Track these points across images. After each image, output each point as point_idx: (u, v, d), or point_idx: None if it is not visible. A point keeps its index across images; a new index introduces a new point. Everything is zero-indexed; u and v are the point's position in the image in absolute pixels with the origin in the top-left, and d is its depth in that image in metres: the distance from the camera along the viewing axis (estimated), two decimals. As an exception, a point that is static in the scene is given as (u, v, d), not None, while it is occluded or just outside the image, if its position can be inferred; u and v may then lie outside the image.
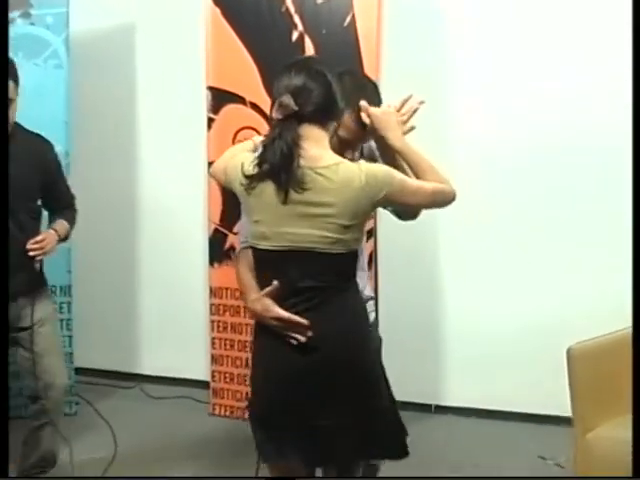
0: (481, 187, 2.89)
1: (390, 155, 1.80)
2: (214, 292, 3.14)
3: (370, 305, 1.92)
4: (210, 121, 3.06)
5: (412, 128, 1.82)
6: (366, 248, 2.08)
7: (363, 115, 1.80)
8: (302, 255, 1.65)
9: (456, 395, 3.16)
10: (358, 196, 1.62)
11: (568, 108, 2.81)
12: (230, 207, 3.04)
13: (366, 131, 1.83)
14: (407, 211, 1.92)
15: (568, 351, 2.20)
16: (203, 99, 3.07)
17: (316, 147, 1.65)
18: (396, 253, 2.93)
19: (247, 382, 3.07)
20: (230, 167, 1.71)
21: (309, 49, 2.85)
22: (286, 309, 1.66)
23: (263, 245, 1.68)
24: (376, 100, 1.85)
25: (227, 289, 3.12)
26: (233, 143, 2.99)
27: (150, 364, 3.56)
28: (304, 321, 1.64)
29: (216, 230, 3.13)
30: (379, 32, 2.78)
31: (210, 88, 3.04)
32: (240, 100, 3.00)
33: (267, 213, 1.65)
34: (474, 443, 2.89)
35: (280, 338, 1.67)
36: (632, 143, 2.11)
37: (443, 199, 1.74)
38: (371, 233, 2.62)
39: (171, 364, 3.50)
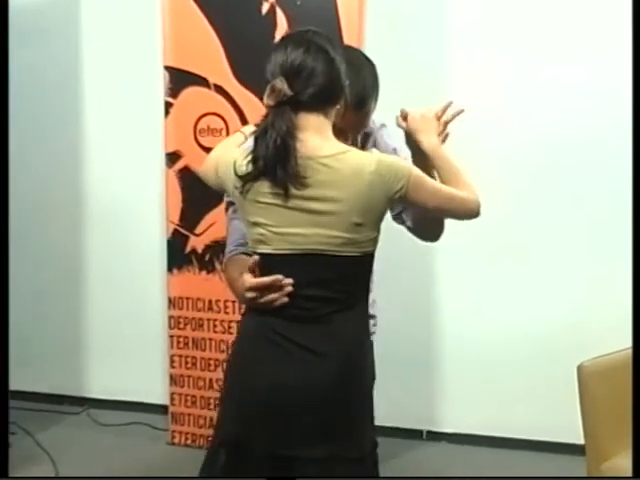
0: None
1: (423, 161, 1.76)
2: (173, 303, 3.09)
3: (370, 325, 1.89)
4: (168, 106, 2.99)
5: (459, 112, 1.81)
6: None
7: (399, 119, 1.79)
8: (307, 259, 1.60)
9: (450, 420, 3.13)
10: (369, 188, 1.56)
11: (571, 107, 2.84)
12: (191, 205, 3.00)
13: (361, 119, 1.80)
14: (425, 224, 1.87)
15: (579, 369, 2.16)
16: (160, 81, 3.00)
17: (316, 136, 1.59)
18: (388, 267, 2.85)
19: (211, 405, 3.04)
20: (222, 167, 1.66)
21: (281, 23, 2.79)
22: (284, 320, 1.61)
23: (263, 249, 1.63)
24: (373, 83, 1.81)
25: (188, 299, 3.07)
26: (195, 131, 2.96)
27: (99, 386, 3.50)
28: (279, 276, 1.58)
29: (175, 231, 3.06)
30: (362, 3, 2.73)
31: (168, 68, 2.97)
32: (202, 82, 2.94)
33: (266, 214, 1.60)
34: (470, 474, 2.82)
35: (267, 349, 1.61)
36: (632, 144, 2.16)
37: (464, 209, 1.69)
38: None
39: (123, 386, 3.44)
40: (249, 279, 1.63)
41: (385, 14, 2.91)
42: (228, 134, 2.92)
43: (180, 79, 2.97)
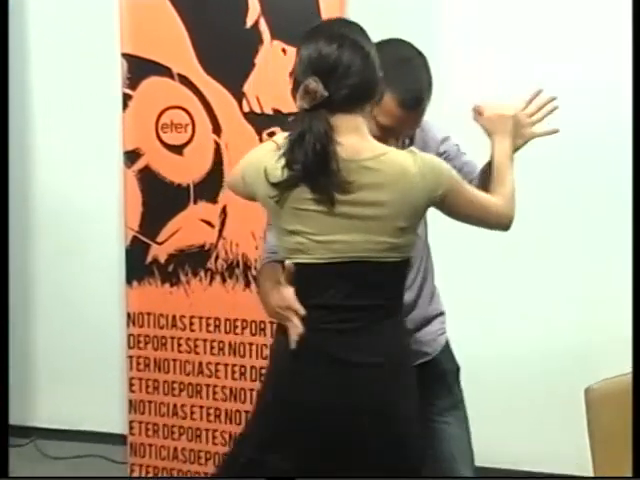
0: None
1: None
2: (133, 319, 3.04)
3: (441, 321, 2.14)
4: (126, 98, 2.95)
5: (554, 131, 2.00)
6: None
7: (474, 114, 1.89)
8: (350, 267, 1.65)
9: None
10: (413, 190, 1.63)
11: (567, 104, 2.81)
12: (153, 209, 2.96)
13: (412, 116, 1.84)
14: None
15: (587, 392, 2.12)
16: (117, 70, 2.95)
17: (355, 138, 1.64)
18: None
19: (175, 434, 3.01)
20: (250, 174, 1.70)
21: (254, 5, 2.75)
22: (322, 330, 1.65)
23: (302, 259, 1.67)
24: (425, 77, 1.85)
25: (150, 315, 3.03)
26: (157, 126, 2.92)
27: (48, 414, 3.46)
28: (295, 305, 1.65)
29: (135, 239, 3.01)
30: None
31: (126, 55, 2.92)
32: (165, 71, 2.90)
33: (305, 221, 1.64)
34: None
35: (310, 368, 1.66)
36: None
37: (497, 221, 1.80)
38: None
39: (75, 413, 3.41)
40: (291, 296, 1.67)
41: (372, 10, 2.87)
42: (194, 130, 2.89)
43: (140, 68, 2.92)
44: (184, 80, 2.89)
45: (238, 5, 2.77)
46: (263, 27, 2.74)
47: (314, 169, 1.59)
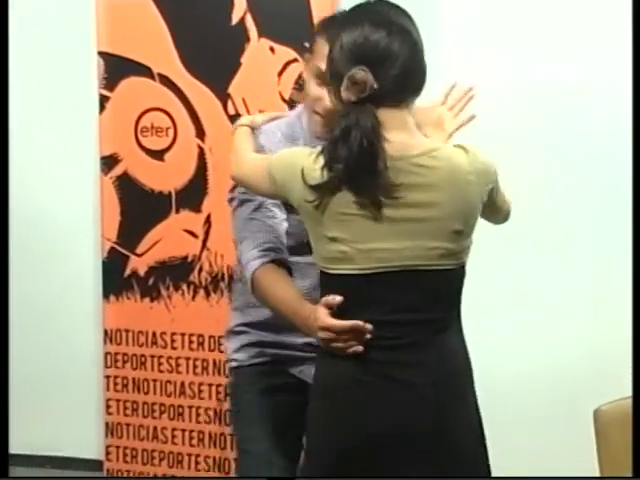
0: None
1: None
2: (110, 336, 3.03)
3: None
4: (103, 100, 2.94)
5: (471, 117, 2.01)
6: None
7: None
8: (399, 277, 1.59)
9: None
10: (469, 188, 1.60)
11: (568, 103, 2.89)
12: (132, 219, 2.95)
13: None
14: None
15: (596, 414, 2.08)
16: (93, 69, 2.94)
17: (404, 133, 1.59)
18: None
19: (155, 460, 2.99)
20: (284, 174, 1.63)
21: (240, 2, 2.73)
22: (378, 352, 1.59)
23: (343, 269, 1.60)
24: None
25: (128, 331, 3.01)
26: (136, 130, 2.91)
27: (18, 439, 3.22)
28: (366, 325, 1.57)
29: (112, 250, 3.00)
30: None
31: (102, 54, 2.92)
32: (145, 71, 2.89)
33: (348, 227, 1.58)
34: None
35: (363, 393, 1.60)
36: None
37: (508, 209, 1.88)
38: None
39: (48, 438, 3.36)
40: (326, 316, 1.61)
41: None
42: (176, 134, 2.87)
43: (118, 68, 2.91)
44: (165, 80, 2.88)
45: (223, 1, 2.75)
46: (250, 24, 2.72)
47: (359, 169, 1.53)
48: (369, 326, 1.57)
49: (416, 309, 1.60)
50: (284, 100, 2.70)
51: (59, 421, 3.33)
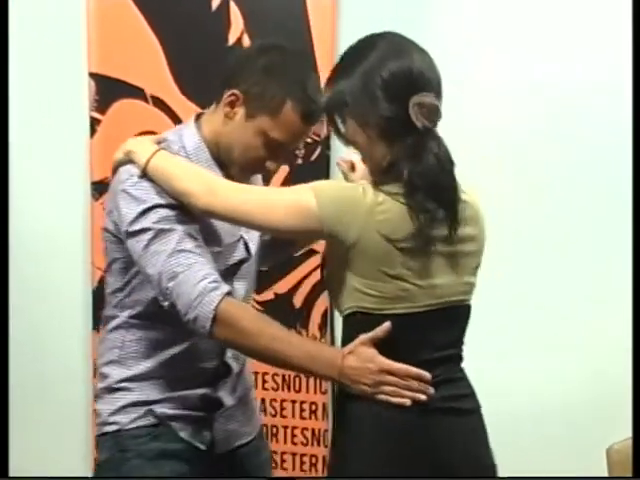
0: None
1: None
2: None
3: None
4: (94, 122, 2.94)
5: None
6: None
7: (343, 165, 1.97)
8: (445, 314, 1.62)
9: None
10: (484, 221, 1.69)
11: (568, 104, 2.90)
12: None
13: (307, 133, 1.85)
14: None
15: (609, 453, 2.12)
16: (84, 91, 2.95)
17: None
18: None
19: None
20: (340, 214, 1.55)
21: (236, 20, 2.74)
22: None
23: (401, 309, 1.58)
24: (319, 90, 1.80)
25: None
26: None
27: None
28: (425, 373, 1.56)
29: (103, 280, 2.89)
30: None
31: (94, 75, 2.91)
32: (138, 93, 2.89)
33: (410, 263, 1.56)
34: None
35: (422, 428, 1.58)
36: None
37: None
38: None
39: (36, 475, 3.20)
40: (382, 358, 1.55)
41: (364, 9, 2.87)
42: None
43: (109, 89, 2.91)
44: (159, 103, 2.88)
45: (219, 20, 2.76)
46: (247, 44, 2.71)
47: (446, 200, 1.56)
48: (428, 375, 1.56)
49: (453, 345, 1.66)
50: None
51: (49, 458, 3.29)
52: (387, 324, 1.55)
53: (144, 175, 1.72)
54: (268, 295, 2.74)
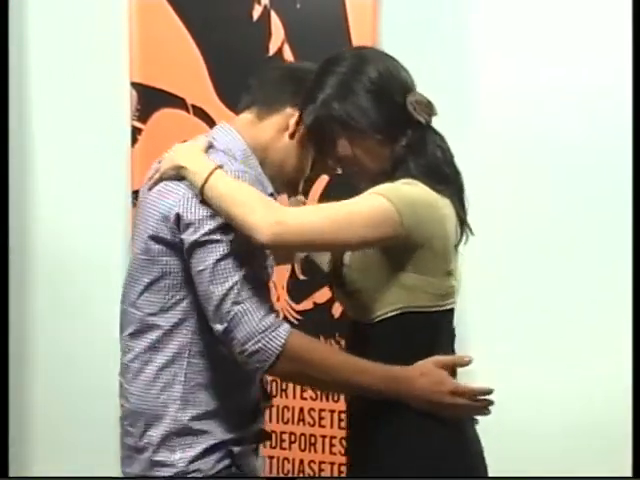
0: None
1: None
2: None
3: None
4: (136, 132, 2.95)
5: None
6: None
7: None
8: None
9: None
10: None
11: (574, 109, 2.92)
12: None
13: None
14: None
15: None
16: (126, 101, 2.97)
17: None
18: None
19: None
20: (419, 218, 1.60)
21: (277, 30, 2.75)
22: None
23: (445, 305, 1.68)
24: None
25: None
26: None
27: None
28: (488, 388, 1.63)
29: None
30: (376, 6, 2.70)
31: (136, 85, 2.93)
32: (179, 103, 2.90)
33: (456, 258, 1.70)
34: None
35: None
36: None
37: None
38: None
39: None
40: (452, 381, 1.62)
41: (404, 16, 2.88)
42: None
43: (151, 99, 2.93)
44: (200, 112, 2.89)
45: (260, 30, 2.76)
46: (287, 54, 2.73)
47: (459, 190, 1.70)
48: (491, 389, 1.63)
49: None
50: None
51: (89, 467, 3.28)
52: (468, 357, 1.64)
53: (201, 197, 1.62)
54: (307, 305, 2.75)
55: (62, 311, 3.36)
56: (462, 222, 1.69)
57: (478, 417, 1.72)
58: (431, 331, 1.66)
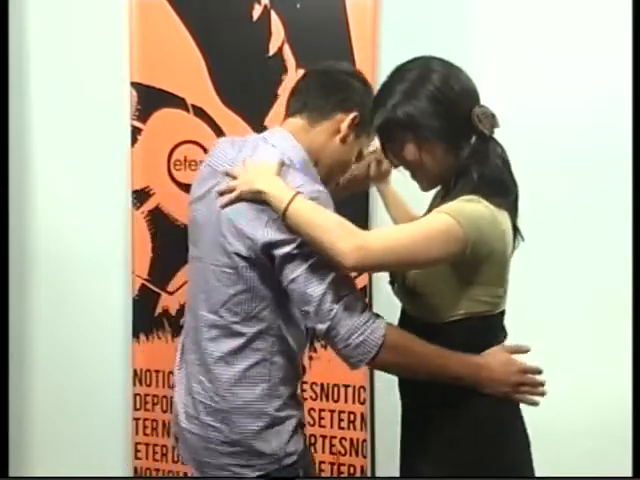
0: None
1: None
2: (139, 377, 3.01)
3: None
4: (135, 132, 2.94)
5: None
6: None
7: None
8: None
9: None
10: None
11: (580, 107, 2.95)
12: (163, 255, 2.94)
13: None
14: None
15: None
16: (125, 100, 2.97)
17: None
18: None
19: None
20: (480, 234, 1.70)
21: (277, 30, 2.75)
22: None
23: (501, 307, 1.85)
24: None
25: (158, 372, 3.00)
26: (168, 163, 2.91)
27: None
28: (540, 368, 1.82)
29: (143, 288, 2.99)
30: (376, 7, 2.71)
31: (135, 85, 2.93)
32: (179, 103, 2.90)
33: (509, 267, 1.84)
34: None
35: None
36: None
37: None
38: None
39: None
40: (518, 360, 1.80)
41: (405, 17, 2.89)
42: None
43: (151, 99, 2.92)
44: (199, 112, 2.88)
45: (260, 30, 2.76)
46: (287, 55, 2.74)
47: (515, 200, 1.80)
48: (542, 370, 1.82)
49: None
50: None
51: (87, 465, 3.30)
52: (526, 346, 1.81)
53: (284, 221, 1.72)
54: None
55: (62, 311, 3.37)
56: (515, 231, 1.80)
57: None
58: (489, 332, 1.82)
